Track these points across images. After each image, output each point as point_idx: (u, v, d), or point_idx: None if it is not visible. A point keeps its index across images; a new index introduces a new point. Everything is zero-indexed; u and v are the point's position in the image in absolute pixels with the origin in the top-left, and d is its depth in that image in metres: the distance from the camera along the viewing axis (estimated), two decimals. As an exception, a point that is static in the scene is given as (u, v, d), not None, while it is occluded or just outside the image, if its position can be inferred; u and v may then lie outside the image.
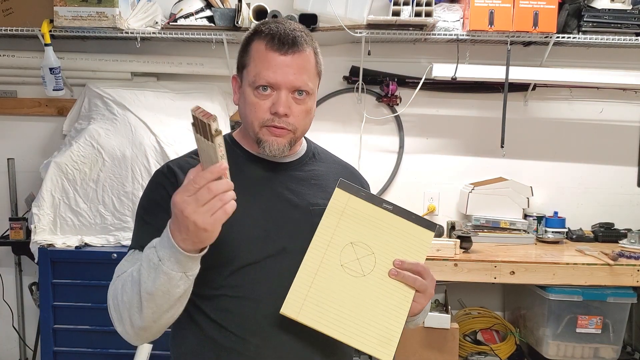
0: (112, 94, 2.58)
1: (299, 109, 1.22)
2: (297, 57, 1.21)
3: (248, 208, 1.21)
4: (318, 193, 1.30)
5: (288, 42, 1.20)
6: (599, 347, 2.49)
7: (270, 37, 1.21)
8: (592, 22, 2.55)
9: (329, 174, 1.36)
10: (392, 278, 1.17)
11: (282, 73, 1.19)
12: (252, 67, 1.22)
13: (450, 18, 2.59)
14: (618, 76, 2.67)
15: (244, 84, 1.25)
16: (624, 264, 2.36)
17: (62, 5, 2.39)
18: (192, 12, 2.54)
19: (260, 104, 1.21)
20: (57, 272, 2.42)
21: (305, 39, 1.23)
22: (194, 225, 1.00)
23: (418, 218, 1.23)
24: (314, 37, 1.28)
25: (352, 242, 1.18)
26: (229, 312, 1.21)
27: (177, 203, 1.01)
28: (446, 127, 2.93)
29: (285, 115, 1.20)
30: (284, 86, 1.20)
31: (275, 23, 1.24)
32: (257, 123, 1.22)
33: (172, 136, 2.50)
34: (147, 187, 1.30)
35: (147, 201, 1.27)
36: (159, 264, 1.05)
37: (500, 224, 2.74)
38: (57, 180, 2.44)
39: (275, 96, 1.20)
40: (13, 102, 2.88)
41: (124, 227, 2.45)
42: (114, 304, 1.16)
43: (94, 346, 2.44)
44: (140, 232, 1.24)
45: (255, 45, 1.23)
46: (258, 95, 1.21)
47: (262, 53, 1.21)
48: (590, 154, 2.95)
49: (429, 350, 2.47)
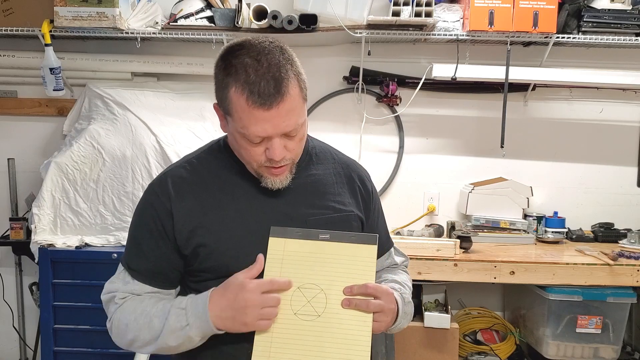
0: (112, 94, 2.58)
1: (294, 143, 1.17)
2: (283, 105, 1.10)
3: (243, 223, 1.21)
4: (315, 201, 1.28)
5: (271, 93, 1.08)
6: (598, 347, 2.50)
7: (250, 92, 1.08)
8: (592, 22, 2.55)
9: (327, 176, 1.32)
10: (345, 309, 1.16)
11: (271, 126, 1.11)
12: (237, 120, 1.13)
13: (450, 18, 2.59)
14: (618, 76, 2.67)
15: (231, 128, 1.17)
16: (624, 264, 2.36)
17: (62, 5, 2.39)
18: (192, 13, 2.54)
19: (255, 150, 1.16)
20: (57, 272, 2.42)
21: (286, 75, 1.10)
22: (243, 322, 1.10)
23: (356, 236, 1.22)
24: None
25: (300, 287, 1.17)
26: None
27: (247, 297, 1.10)
28: (446, 127, 2.93)
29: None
30: (276, 135, 1.13)
31: (251, 58, 1.10)
32: (254, 164, 1.19)
33: (172, 136, 2.50)
34: (140, 202, 1.28)
35: (139, 220, 1.26)
36: (186, 328, 1.13)
37: (500, 224, 2.74)
38: (57, 180, 2.44)
39: (268, 142, 1.14)
40: (13, 102, 2.88)
41: (124, 227, 2.45)
42: (118, 331, 1.21)
43: (94, 346, 2.44)
44: (131, 253, 1.26)
45: (235, 98, 1.11)
46: (250, 143, 1.15)
47: (244, 109, 1.10)
48: (590, 154, 2.95)
49: (429, 350, 2.47)
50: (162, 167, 2.43)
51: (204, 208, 1.21)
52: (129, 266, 1.24)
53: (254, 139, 1.13)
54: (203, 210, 1.21)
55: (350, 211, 1.31)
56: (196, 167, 1.26)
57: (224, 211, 1.22)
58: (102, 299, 1.27)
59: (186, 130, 2.55)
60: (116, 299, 1.23)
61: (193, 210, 1.21)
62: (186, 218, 1.20)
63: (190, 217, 1.20)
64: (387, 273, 1.40)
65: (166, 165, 2.40)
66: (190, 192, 1.23)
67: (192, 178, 1.24)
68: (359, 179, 1.36)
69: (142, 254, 1.23)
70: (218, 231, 1.20)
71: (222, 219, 1.21)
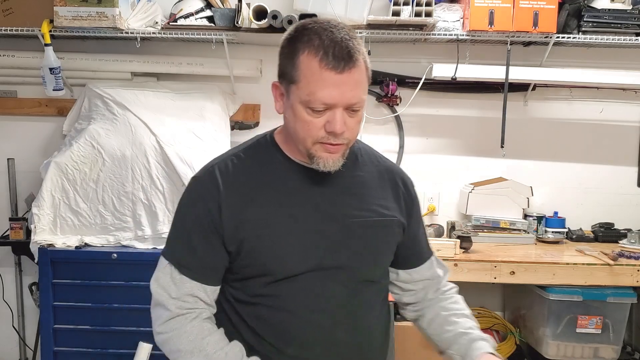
0: (112, 94, 2.57)
1: (353, 121, 1.16)
2: (354, 73, 1.11)
3: (285, 220, 1.21)
4: (357, 203, 1.26)
5: (344, 57, 1.09)
6: (598, 347, 2.50)
7: (324, 53, 1.09)
8: (592, 22, 2.55)
9: (369, 181, 1.30)
10: None
11: (339, 93, 1.10)
12: (304, 85, 1.11)
13: (450, 18, 2.58)
14: (618, 76, 2.68)
15: (293, 99, 1.14)
16: (624, 264, 2.37)
17: (62, 5, 2.39)
18: (192, 12, 2.54)
19: (315, 122, 1.13)
20: (57, 272, 2.42)
21: (357, 48, 1.12)
22: None
23: None
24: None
25: None
26: (265, 321, 1.22)
27: None
28: (446, 127, 2.93)
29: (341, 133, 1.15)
30: (340, 105, 1.12)
31: (323, 29, 1.12)
32: (310, 140, 1.16)
33: (172, 136, 2.50)
34: (187, 194, 1.26)
35: (187, 212, 1.24)
36: None
37: (500, 224, 2.74)
38: (57, 180, 2.44)
39: (330, 114, 1.12)
40: (13, 102, 2.88)
41: (124, 227, 2.45)
42: (169, 348, 1.21)
43: (94, 346, 2.44)
44: (179, 248, 1.23)
45: (306, 60, 1.11)
46: (311, 113, 1.13)
47: (315, 71, 1.10)
48: (590, 154, 2.95)
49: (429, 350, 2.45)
50: (162, 167, 2.43)
51: (249, 202, 1.20)
52: (179, 262, 1.21)
53: (318, 105, 1.11)
54: (248, 205, 1.20)
55: (393, 216, 1.29)
56: (243, 161, 1.25)
57: (267, 207, 1.21)
58: (153, 298, 1.23)
59: (186, 130, 2.55)
60: (170, 306, 1.20)
61: (239, 204, 1.20)
62: (233, 211, 1.19)
63: (236, 211, 1.19)
64: (455, 317, 1.37)
65: (166, 166, 2.42)
66: (237, 185, 1.21)
67: (239, 171, 1.23)
68: (403, 184, 1.34)
69: (191, 249, 1.21)
70: (260, 228, 1.19)
71: (265, 215, 1.20)
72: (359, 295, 1.25)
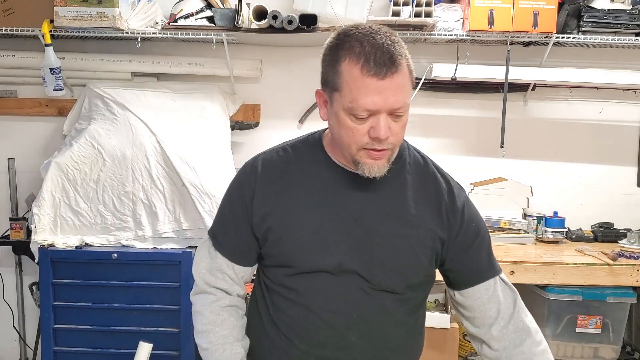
0: (112, 94, 2.58)
1: (398, 126, 1.15)
2: (396, 78, 1.10)
3: (313, 217, 1.22)
4: (389, 211, 1.23)
5: (385, 63, 1.09)
6: (598, 346, 2.50)
7: (365, 60, 1.09)
8: (592, 22, 2.55)
9: (409, 189, 1.26)
10: None
11: (381, 99, 1.10)
12: (347, 93, 1.11)
13: (450, 18, 2.59)
14: (618, 76, 2.68)
15: (336, 106, 1.15)
16: (624, 264, 2.37)
17: (63, 5, 2.39)
18: (192, 13, 2.54)
19: (359, 129, 1.13)
20: (57, 272, 2.42)
21: (399, 51, 1.11)
22: None
23: None
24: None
25: None
26: (283, 312, 1.25)
27: None
28: (446, 127, 2.93)
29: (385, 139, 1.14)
30: (384, 110, 1.12)
31: (364, 35, 1.12)
32: (355, 147, 1.15)
33: (173, 136, 2.50)
34: (233, 179, 1.34)
35: (227, 197, 1.34)
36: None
37: (500, 223, 2.74)
38: (57, 180, 2.44)
39: (374, 120, 1.12)
40: (13, 102, 2.88)
41: (124, 227, 2.45)
42: (194, 319, 1.34)
43: (94, 346, 2.44)
44: (218, 226, 1.34)
45: (348, 68, 1.11)
46: (355, 120, 1.13)
47: (357, 79, 1.10)
48: (590, 154, 2.95)
49: (429, 350, 2.46)
50: (163, 167, 2.44)
51: (281, 194, 1.24)
52: (216, 238, 1.32)
53: (362, 113, 1.11)
54: (280, 197, 1.24)
55: (428, 228, 1.24)
56: (288, 154, 1.29)
57: (297, 202, 1.23)
58: (193, 266, 1.35)
59: (186, 130, 2.55)
60: (199, 280, 1.32)
61: (272, 194, 1.24)
62: (264, 201, 1.24)
63: (267, 201, 1.24)
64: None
65: (166, 165, 2.43)
66: (275, 176, 1.26)
67: (281, 164, 1.28)
68: (448, 195, 1.28)
69: (225, 230, 1.31)
70: (287, 220, 1.23)
71: (294, 209, 1.23)
72: (378, 303, 1.23)
